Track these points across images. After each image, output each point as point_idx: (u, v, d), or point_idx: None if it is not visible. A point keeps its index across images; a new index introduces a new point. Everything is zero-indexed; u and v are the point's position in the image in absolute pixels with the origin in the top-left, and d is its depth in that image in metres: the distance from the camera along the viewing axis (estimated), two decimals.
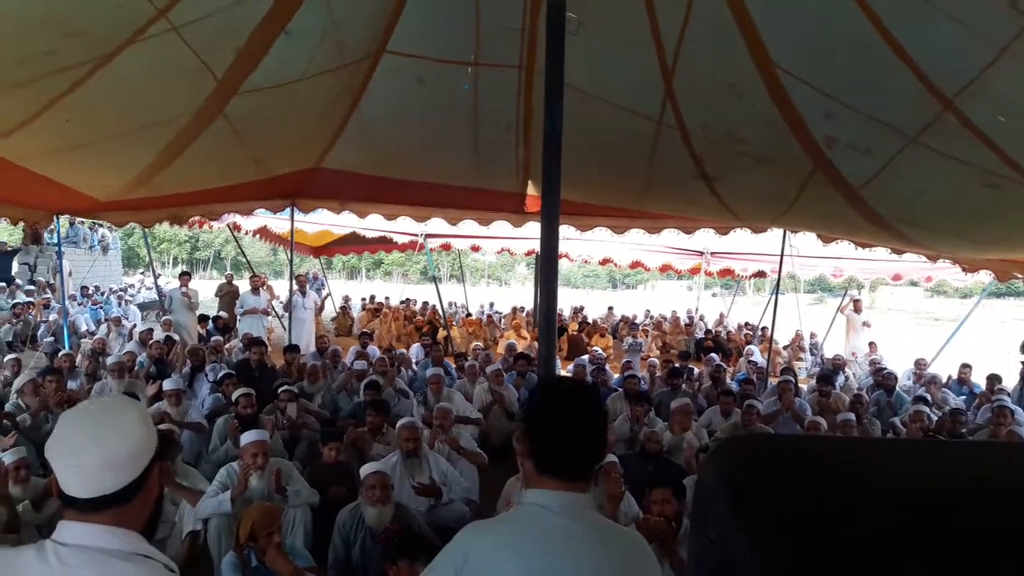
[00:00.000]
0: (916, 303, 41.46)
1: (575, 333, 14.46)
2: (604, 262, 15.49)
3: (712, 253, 13.24)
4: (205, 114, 5.96)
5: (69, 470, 1.29)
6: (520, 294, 32.65)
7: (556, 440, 1.58)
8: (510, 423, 7.06)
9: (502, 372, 7.84)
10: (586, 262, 16.12)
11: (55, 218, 9.17)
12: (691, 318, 17.05)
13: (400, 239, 13.30)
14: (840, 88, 4.07)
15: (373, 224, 11.03)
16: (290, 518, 4.22)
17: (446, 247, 14.29)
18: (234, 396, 5.98)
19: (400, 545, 3.33)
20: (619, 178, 6.71)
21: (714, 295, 33.95)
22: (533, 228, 8.61)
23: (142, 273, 30.28)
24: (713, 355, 10.91)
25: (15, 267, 16.46)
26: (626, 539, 1.64)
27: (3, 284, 15.12)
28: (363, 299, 19.98)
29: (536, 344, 12.16)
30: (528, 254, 15.55)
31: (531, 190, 7.39)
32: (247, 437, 4.50)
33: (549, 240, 4.13)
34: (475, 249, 15.53)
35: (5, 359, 8.43)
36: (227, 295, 14.04)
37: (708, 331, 16.83)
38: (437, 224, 9.83)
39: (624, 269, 19.13)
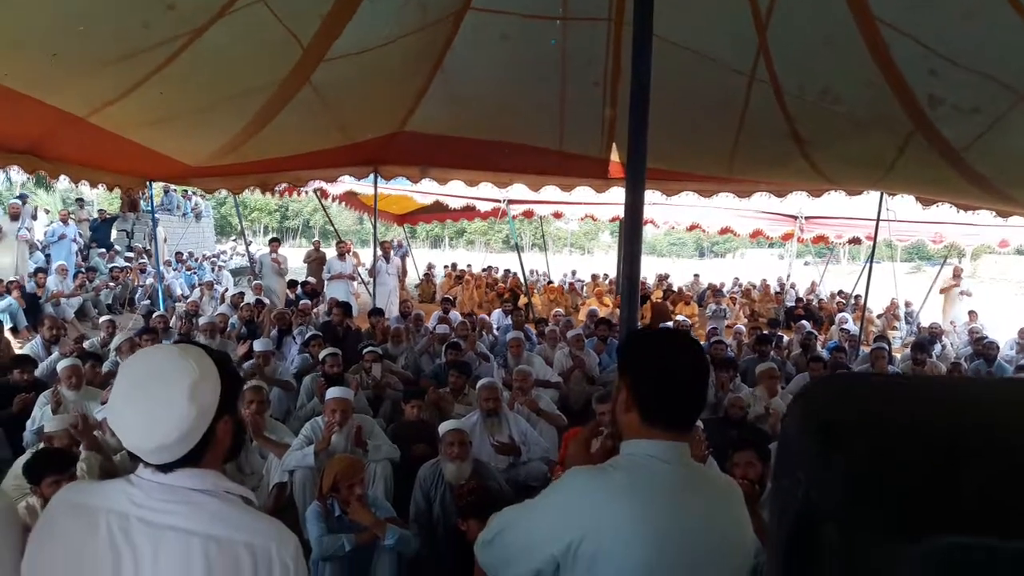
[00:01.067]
0: (1022, 272, 38.73)
1: (659, 301, 14.24)
2: (691, 228, 15.14)
3: (806, 218, 12.74)
4: (292, 83, 6.07)
5: (133, 449, 1.32)
6: (603, 262, 32.35)
7: (666, 388, 1.53)
8: (590, 387, 7.02)
9: (583, 337, 7.78)
10: (672, 228, 15.72)
11: (148, 184, 9.60)
12: (781, 286, 16.53)
13: (483, 206, 13.32)
14: (946, 43, 3.78)
15: (455, 190, 11.09)
16: (371, 472, 4.32)
17: (528, 214, 14.24)
18: (321, 355, 6.17)
19: (473, 504, 3.35)
20: (707, 141, 6.50)
21: (806, 263, 32.80)
22: (618, 194, 8.47)
23: (234, 240, 31.45)
24: (804, 322, 10.54)
25: (114, 234, 17.26)
26: (727, 486, 1.61)
27: (103, 249, 15.93)
28: (446, 267, 20.24)
29: (618, 311, 12.09)
30: (612, 220, 15.31)
31: (615, 156, 7.23)
32: (330, 394, 4.63)
33: (634, 200, 4.02)
34: (557, 216, 15.41)
35: (101, 320, 8.94)
36: (314, 261, 14.43)
37: (799, 299, 16.27)
38: (520, 190, 9.78)
39: (712, 236, 18.67)
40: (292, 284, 13.02)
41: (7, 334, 8.40)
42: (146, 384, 1.30)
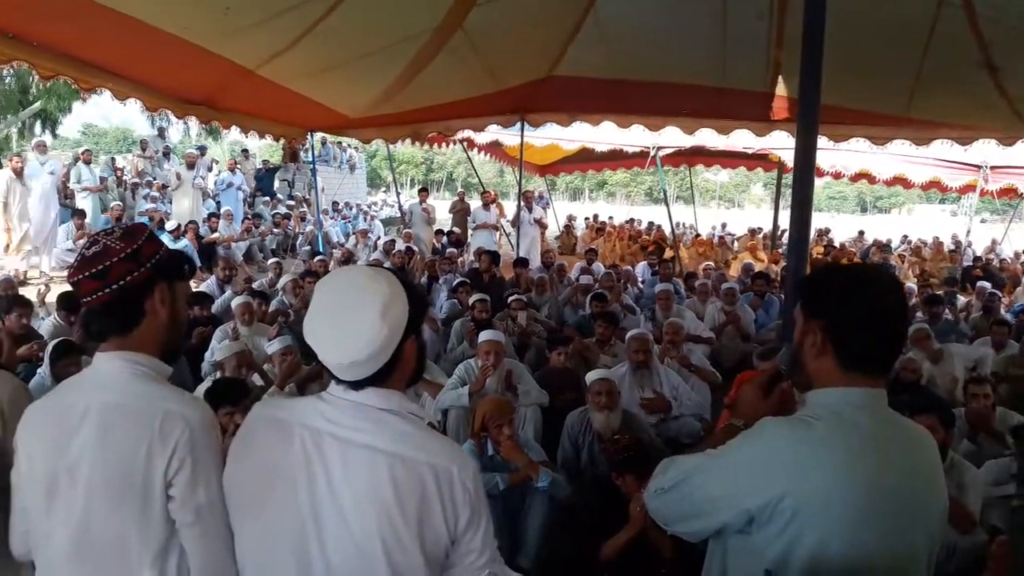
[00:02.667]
0: None
1: (820, 257, 13.43)
2: (857, 177, 14.05)
3: (992, 168, 11.51)
4: (445, 28, 6.09)
5: (327, 364, 1.36)
6: (754, 216, 31.01)
7: (870, 331, 1.40)
8: (744, 345, 6.75)
9: (737, 292, 7.46)
10: (837, 176, 14.60)
11: (309, 135, 10.05)
12: (957, 243, 15.15)
13: (630, 151, 12.94)
14: None
15: (603, 137, 10.84)
16: (521, 416, 4.35)
17: (676, 162, 13.69)
18: (471, 301, 6.27)
19: (631, 460, 3.28)
20: (885, 73, 5.95)
21: (983, 221, 29.85)
22: (777, 139, 7.99)
23: (384, 191, 32.65)
24: (984, 283, 9.62)
25: (276, 183, 18.27)
26: (926, 437, 1.47)
27: (267, 198, 16.93)
28: (586, 218, 20.05)
29: (773, 266, 11.59)
30: (768, 169, 14.47)
31: (780, 90, 6.78)
32: (484, 335, 4.69)
33: (806, 141, 3.75)
34: (708, 164, 14.75)
35: (269, 262, 9.61)
36: (459, 211, 14.68)
37: (977, 258, 14.83)
38: (670, 136, 9.45)
39: (879, 188, 17.29)
40: (439, 233, 13.33)
41: None
42: (341, 302, 1.34)
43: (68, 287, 6.37)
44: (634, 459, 3.27)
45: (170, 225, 11.39)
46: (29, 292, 6.46)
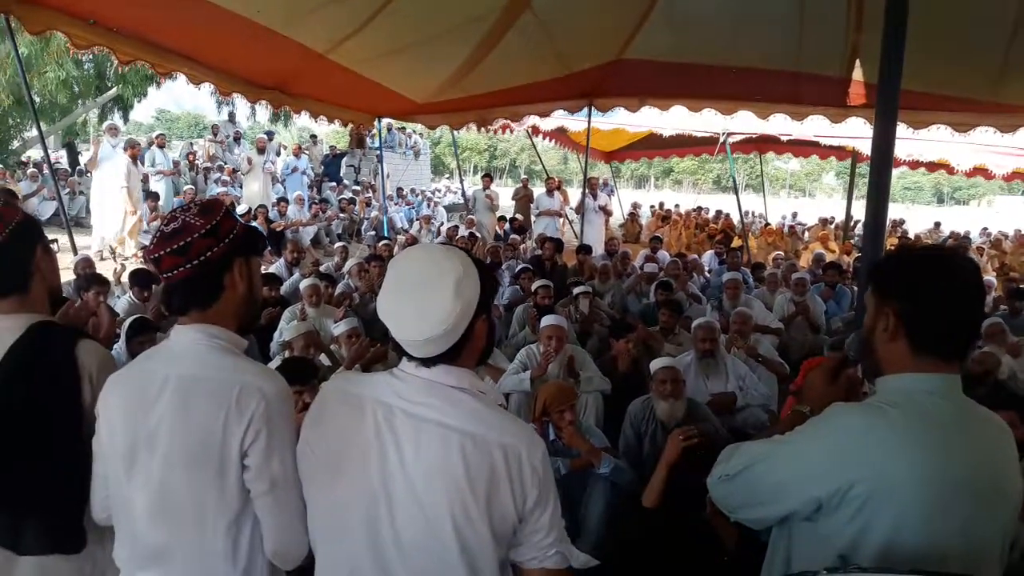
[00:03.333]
0: None
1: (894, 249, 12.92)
2: (934, 167, 13.48)
3: None
4: (513, 8, 6.05)
5: (400, 340, 1.37)
6: (826, 206, 30.13)
7: (947, 315, 1.35)
8: (814, 336, 6.54)
9: (807, 282, 7.23)
10: (914, 166, 14.05)
11: (377, 121, 10.15)
12: None
13: (699, 136, 12.65)
14: None
15: (671, 122, 10.63)
16: (583, 402, 4.31)
17: (746, 149, 13.33)
18: (534, 287, 6.23)
19: (702, 459, 3.19)
20: (970, 56, 5.66)
21: None
22: (852, 127, 7.69)
23: (447, 178, 32.86)
24: None
25: (343, 168, 18.55)
26: (1002, 426, 1.42)
27: (333, 183, 17.21)
28: (652, 206, 19.77)
29: (845, 257, 11.22)
30: (842, 158, 13.99)
31: (857, 75, 6.52)
32: (547, 320, 4.65)
33: (885, 128, 3.61)
34: (779, 151, 14.34)
35: (336, 246, 9.77)
36: (522, 198, 14.65)
37: None
38: (741, 122, 9.21)
39: (958, 178, 16.56)
40: (501, 219, 13.33)
41: None
42: (415, 279, 1.35)
43: (142, 265, 6.64)
44: (706, 459, 3.18)
45: (241, 209, 11.70)
46: (105, 270, 6.69)
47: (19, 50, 5.99)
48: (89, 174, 10.99)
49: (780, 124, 9.55)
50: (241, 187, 13.99)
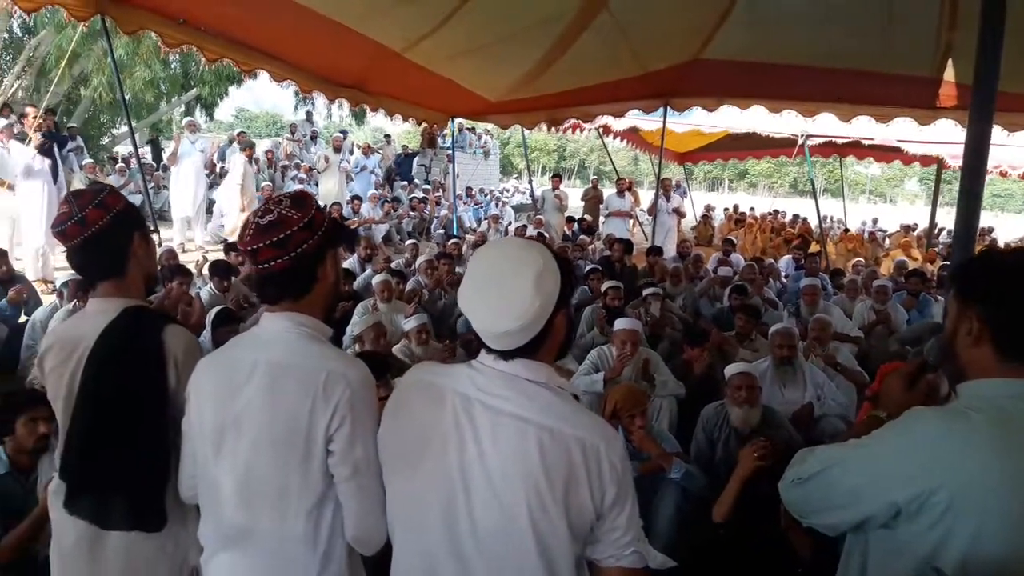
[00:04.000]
0: None
1: None
2: None
3: None
4: (590, 8, 6.00)
5: (480, 333, 1.38)
6: (908, 212, 29.08)
7: None
8: (898, 347, 6.30)
9: (889, 290, 6.96)
10: (1004, 174, 13.42)
11: (450, 121, 10.23)
12: None
13: (777, 137, 12.32)
14: None
15: (748, 123, 10.41)
16: (656, 406, 4.25)
17: (826, 152, 12.88)
18: (603, 287, 6.17)
19: (774, 470, 3.10)
20: None
21: None
22: (945, 128, 7.36)
23: (515, 178, 32.92)
24: None
25: (414, 167, 18.81)
26: None
27: (404, 182, 17.50)
28: (725, 209, 19.41)
29: (929, 265, 10.77)
30: (926, 164, 13.44)
31: (949, 75, 6.24)
32: (621, 323, 4.60)
33: (980, 130, 3.43)
34: (860, 156, 13.86)
35: (406, 243, 9.95)
36: (592, 199, 14.58)
37: None
38: (822, 124, 8.95)
39: None
40: (570, 220, 13.28)
41: None
42: (496, 272, 1.36)
43: (221, 256, 6.86)
44: (777, 470, 3.09)
45: None
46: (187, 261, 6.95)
47: (114, 51, 6.24)
48: (170, 169, 11.40)
49: (862, 127, 9.24)
50: (317, 184, 14.31)
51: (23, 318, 5.75)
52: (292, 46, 6.20)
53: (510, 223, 14.91)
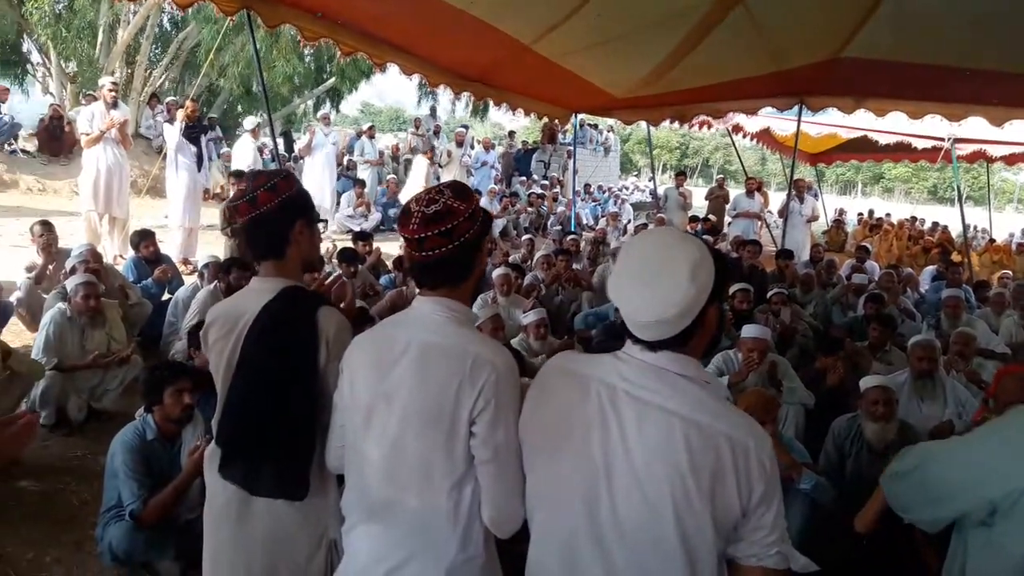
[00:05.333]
0: None
1: None
2: None
3: None
4: (724, 3, 5.84)
5: (629, 322, 1.39)
6: None
7: None
8: None
9: None
10: None
11: (573, 116, 10.22)
12: None
13: (918, 145, 11.58)
14: None
15: (887, 127, 9.87)
16: (783, 413, 4.12)
17: (973, 157, 11.96)
18: (732, 290, 5.99)
19: None
20: None
21: None
22: None
23: (635, 176, 32.53)
24: None
25: (533, 163, 18.89)
26: None
27: (523, 178, 17.64)
28: (860, 214, 18.48)
29: None
30: None
31: None
32: (749, 331, 4.48)
33: None
34: (1010, 162, 12.77)
35: (523, 239, 9.95)
36: (717, 198, 14.21)
37: None
38: (968, 128, 8.37)
39: None
40: (693, 219, 12.98)
41: None
42: (651, 261, 1.36)
43: (348, 245, 7.13)
44: None
45: None
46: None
47: (256, 46, 6.61)
48: (303, 160, 11.94)
49: (1015, 132, 8.56)
50: (438, 178, 14.65)
51: (166, 296, 6.11)
52: (422, 39, 6.37)
53: (629, 221, 14.75)
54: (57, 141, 13.43)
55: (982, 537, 1.34)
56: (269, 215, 1.89)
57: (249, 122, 11.63)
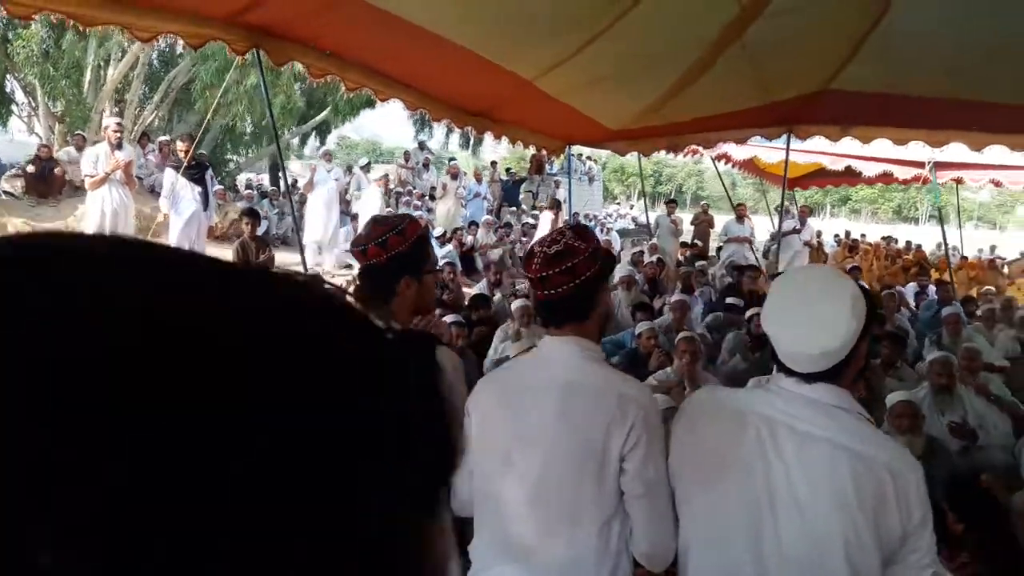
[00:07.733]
0: None
1: None
2: None
3: None
4: (723, 41, 6.11)
5: (786, 354, 1.46)
6: (1019, 239, 27.72)
7: None
8: None
9: None
10: None
11: (567, 148, 10.41)
12: None
13: (900, 173, 11.98)
14: None
15: (871, 154, 10.23)
16: None
17: (959, 179, 12.34)
18: (748, 314, 6.16)
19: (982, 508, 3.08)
20: None
21: None
22: None
23: (616, 204, 32.97)
24: None
25: (520, 194, 19.08)
26: None
27: (513, 208, 17.80)
28: (836, 235, 18.93)
29: None
30: None
31: None
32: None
33: None
34: (997, 184, 13.20)
35: (519, 269, 10.01)
36: (702, 223, 14.53)
37: None
38: (951, 152, 8.75)
39: None
40: (684, 245, 13.27)
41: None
42: (810, 295, 1.43)
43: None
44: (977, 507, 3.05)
45: (436, 232, 12.38)
46: None
47: (257, 81, 6.65)
48: (305, 197, 12.00)
49: (993, 155, 8.94)
50: (428, 211, 14.78)
51: None
52: (429, 77, 6.46)
53: (621, 249, 14.98)
54: (45, 183, 13.30)
55: None
56: (381, 267, 1.91)
57: (376, 173, 11.67)
